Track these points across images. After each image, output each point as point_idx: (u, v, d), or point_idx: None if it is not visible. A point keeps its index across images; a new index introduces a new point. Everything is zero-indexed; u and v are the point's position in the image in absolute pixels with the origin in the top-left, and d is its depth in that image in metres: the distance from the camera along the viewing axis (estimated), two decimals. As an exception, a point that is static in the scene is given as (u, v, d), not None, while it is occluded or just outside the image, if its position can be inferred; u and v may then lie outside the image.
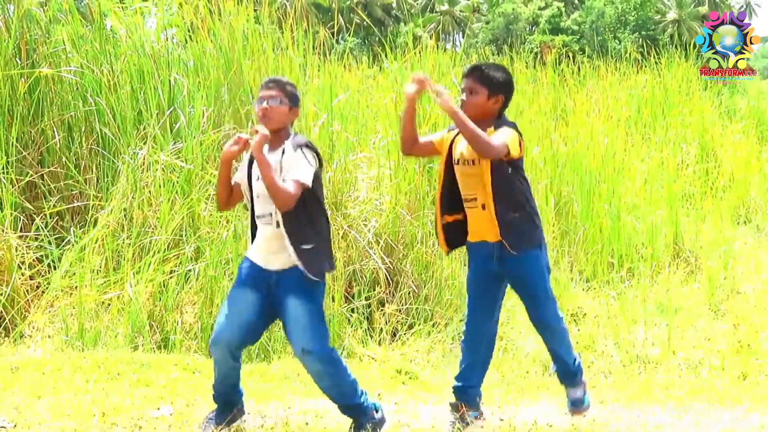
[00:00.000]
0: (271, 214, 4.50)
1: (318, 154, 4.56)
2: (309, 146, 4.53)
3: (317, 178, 4.52)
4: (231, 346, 4.62)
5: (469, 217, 4.88)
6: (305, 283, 4.50)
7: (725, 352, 7.06)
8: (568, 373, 5.08)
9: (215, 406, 4.88)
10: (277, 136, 4.55)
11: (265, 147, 4.46)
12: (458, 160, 4.82)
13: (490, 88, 4.73)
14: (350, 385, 4.68)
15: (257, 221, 4.59)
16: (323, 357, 4.55)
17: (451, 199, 4.93)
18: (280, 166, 4.46)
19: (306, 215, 4.49)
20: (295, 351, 4.60)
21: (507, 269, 4.84)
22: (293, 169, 4.43)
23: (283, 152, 4.50)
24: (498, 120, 4.79)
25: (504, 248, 4.75)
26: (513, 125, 4.77)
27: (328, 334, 4.65)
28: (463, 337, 5.09)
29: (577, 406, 5.10)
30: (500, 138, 4.61)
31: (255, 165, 4.50)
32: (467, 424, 4.92)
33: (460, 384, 5.06)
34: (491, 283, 4.95)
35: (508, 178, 4.72)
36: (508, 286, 5.03)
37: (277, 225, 4.49)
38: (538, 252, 4.87)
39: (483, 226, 4.80)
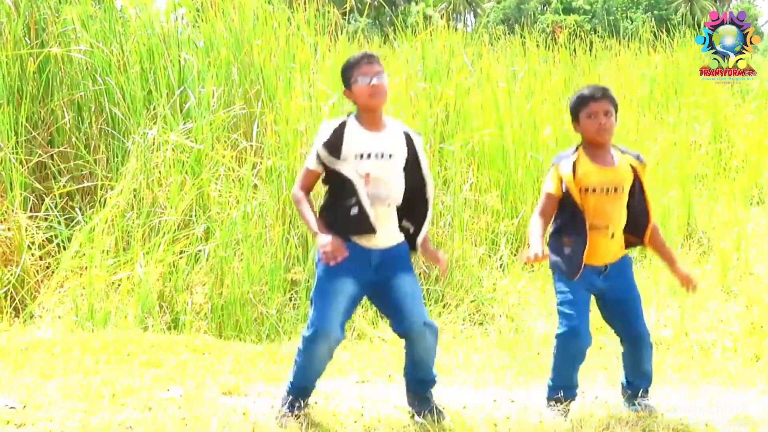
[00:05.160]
0: (388, 196, 4.41)
1: None
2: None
3: None
4: (337, 341, 4.42)
5: (591, 241, 4.64)
6: (408, 258, 4.54)
7: (738, 334, 7.01)
8: (647, 387, 4.91)
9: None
10: (380, 114, 4.53)
11: (362, 128, 4.46)
12: (594, 189, 4.66)
13: (617, 111, 4.80)
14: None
15: (364, 202, 4.33)
16: (436, 330, 4.55)
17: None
18: (414, 152, 4.50)
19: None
20: (411, 325, 4.41)
21: (611, 283, 4.76)
22: (425, 161, 4.56)
23: (409, 139, 4.51)
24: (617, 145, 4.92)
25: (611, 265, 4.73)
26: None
27: None
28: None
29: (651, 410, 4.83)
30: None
31: (357, 141, 4.41)
32: None
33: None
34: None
35: None
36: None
37: (388, 205, 4.42)
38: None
39: (607, 250, 4.70)
